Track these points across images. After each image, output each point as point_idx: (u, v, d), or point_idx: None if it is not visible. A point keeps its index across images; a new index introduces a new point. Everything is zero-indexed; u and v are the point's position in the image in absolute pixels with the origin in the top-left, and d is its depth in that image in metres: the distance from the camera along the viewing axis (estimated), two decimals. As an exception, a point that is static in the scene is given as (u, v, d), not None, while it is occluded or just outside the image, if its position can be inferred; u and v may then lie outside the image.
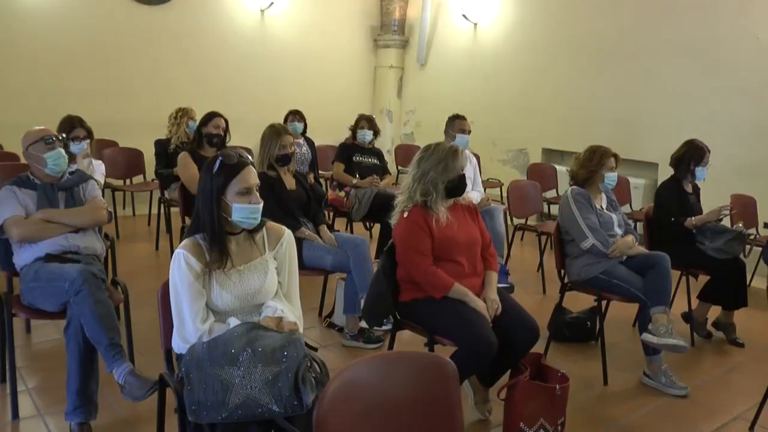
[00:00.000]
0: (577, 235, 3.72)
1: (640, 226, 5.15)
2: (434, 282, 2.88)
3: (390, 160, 8.00)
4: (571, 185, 3.96)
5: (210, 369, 2.00)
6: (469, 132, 4.72)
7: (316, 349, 2.25)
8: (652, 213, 4.55)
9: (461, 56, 9.09)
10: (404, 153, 8.82)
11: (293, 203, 3.93)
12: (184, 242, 2.28)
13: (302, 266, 3.45)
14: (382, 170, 5.69)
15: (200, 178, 2.30)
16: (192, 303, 2.20)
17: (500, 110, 8.55)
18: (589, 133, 7.69)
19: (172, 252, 5.70)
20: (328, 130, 8.92)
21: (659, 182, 7.18)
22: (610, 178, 3.91)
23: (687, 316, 4.44)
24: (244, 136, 6.22)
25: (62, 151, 3.08)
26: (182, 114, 5.82)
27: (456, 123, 4.67)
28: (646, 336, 3.45)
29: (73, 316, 2.65)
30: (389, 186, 5.56)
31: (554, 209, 7.20)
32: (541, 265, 5.47)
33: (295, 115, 6.24)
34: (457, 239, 2.97)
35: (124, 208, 7.40)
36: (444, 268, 2.92)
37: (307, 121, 6.44)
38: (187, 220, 4.70)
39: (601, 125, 7.43)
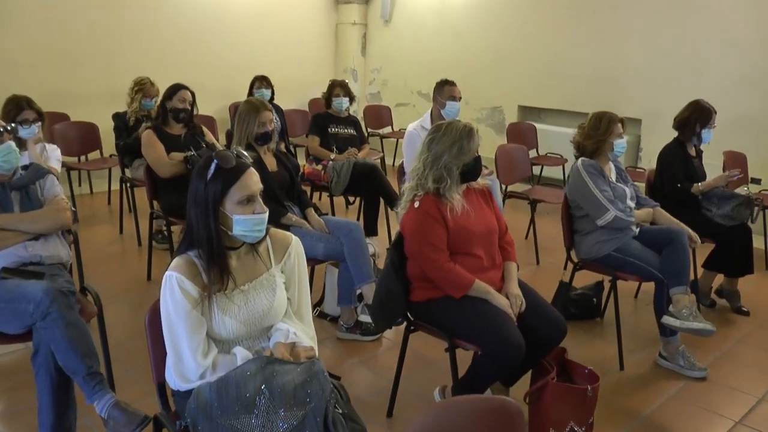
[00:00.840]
0: (594, 209, 3.45)
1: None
2: (453, 280, 2.58)
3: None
4: (577, 157, 3.67)
5: (222, 419, 1.68)
6: (460, 98, 4.37)
7: (339, 378, 1.94)
8: (654, 178, 4.32)
9: (429, 11, 8.65)
10: (374, 114, 8.45)
11: (276, 186, 3.56)
12: (175, 262, 1.91)
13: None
14: (359, 140, 5.32)
15: (192, 184, 1.92)
16: (191, 335, 1.85)
17: (472, 67, 8.19)
18: (568, 89, 7.47)
19: (138, 235, 5.35)
20: (292, 93, 8.47)
21: (641, 138, 7.14)
22: (620, 145, 3.64)
23: (692, 286, 4.26)
24: (205, 103, 5.72)
25: (12, 144, 2.64)
26: (138, 89, 5.33)
27: (445, 89, 4.30)
28: (668, 319, 3.24)
29: (42, 343, 2.28)
30: (368, 156, 5.20)
31: (540, 172, 6.98)
32: (534, 234, 5.22)
33: (262, 81, 5.76)
34: (473, 229, 2.67)
35: (80, 185, 6.87)
36: (461, 263, 2.63)
37: (273, 88, 5.97)
38: (156, 206, 4.29)
39: (579, 81, 7.17)
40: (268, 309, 1.97)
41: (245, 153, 1.96)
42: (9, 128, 2.71)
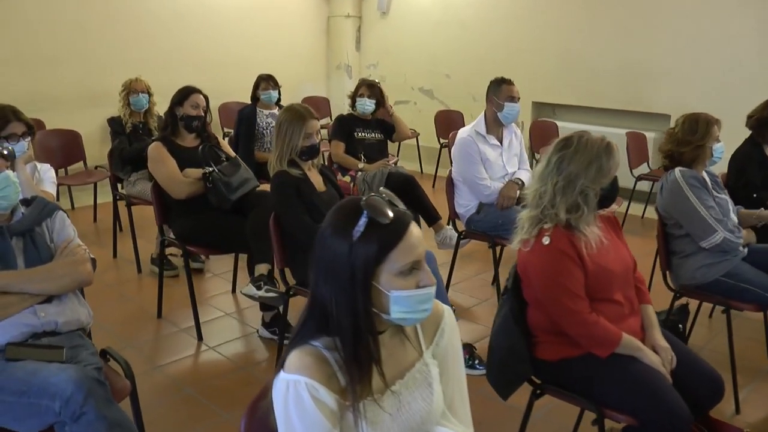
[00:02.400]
0: (699, 229, 2.93)
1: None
2: (599, 335, 2.03)
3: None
4: (666, 168, 3.14)
5: None
6: (519, 99, 3.80)
7: None
8: (729, 183, 3.81)
9: (431, 1, 8.07)
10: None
11: (326, 210, 2.95)
12: (299, 359, 1.30)
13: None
14: (387, 145, 4.73)
15: (323, 245, 1.32)
16: None
17: (480, 61, 7.64)
18: (588, 84, 6.97)
19: (137, 260, 4.58)
20: (282, 92, 7.84)
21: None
22: (719, 150, 3.12)
23: None
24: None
25: (11, 174, 2.00)
26: (124, 91, 4.73)
27: (503, 89, 3.74)
28: None
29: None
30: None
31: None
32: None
33: (268, 81, 5.11)
34: (613, 269, 2.12)
35: (57, 198, 6.10)
36: (600, 311, 2.07)
37: (280, 88, 5.30)
38: (167, 231, 3.64)
39: (601, 74, 6.68)
40: (426, 414, 1.39)
41: (395, 198, 1.36)
42: (5, 151, 2.06)
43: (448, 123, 7.17)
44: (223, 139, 4.23)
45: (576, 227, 2.07)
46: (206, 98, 3.73)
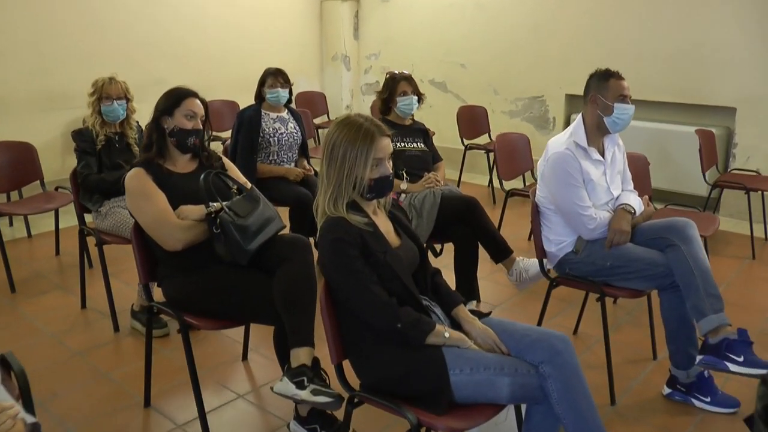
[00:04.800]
0: None
1: None
2: None
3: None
4: None
5: None
6: (631, 99, 2.82)
7: None
8: None
9: (442, -19, 7.07)
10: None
11: (405, 270, 1.98)
12: None
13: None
14: (432, 157, 3.74)
15: None
16: None
17: (501, 48, 6.70)
18: (635, 73, 5.91)
19: (112, 312, 3.36)
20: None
21: (735, 131, 5.76)
22: None
23: None
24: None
25: None
26: (92, 92, 3.60)
27: (611, 85, 2.72)
28: None
29: None
30: (443, 179, 3.63)
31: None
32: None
33: (276, 77, 4.03)
34: None
35: (11, 224, 5.04)
36: None
37: (291, 86, 4.24)
38: (157, 293, 2.62)
39: (651, 62, 5.75)
40: None
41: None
42: None
43: (473, 121, 6.19)
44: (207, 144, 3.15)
45: None
46: (204, 104, 2.70)
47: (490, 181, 6.30)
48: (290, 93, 4.12)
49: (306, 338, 2.20)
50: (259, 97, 4.07)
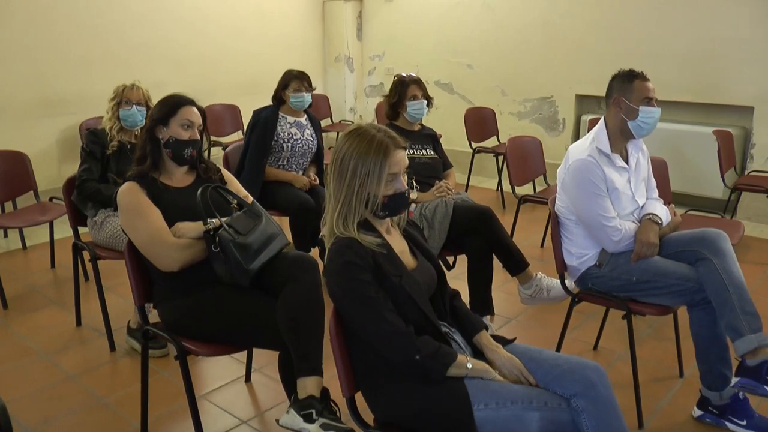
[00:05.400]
0: None
1: None
2: None
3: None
4: None
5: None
6: (657, 101, 2.65)
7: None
8: None
9: (448, -21, 6.90)
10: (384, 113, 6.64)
11: (423, 296, 1.80)
12: None
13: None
14: (442, 164, 3.57)
15: None
16: None
17: (510, 49, 6.53)
18: (649, 72, 5.77)
19: (108, 331, 3.18)
20: (271, 91, 6.66)
21: (753, 131, 5.54)
22: None
23: None
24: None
25: None
26: (113, 98, 3.42)
27: (636, 87, 2.56)
28: None
29: None
30: (454, 187, 3.45)
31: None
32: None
33: (302, 80, 3.86)
34: None
35: (5, 235, 4.88)
36: None
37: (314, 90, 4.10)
38: (154, 316, 2.45)
39: (665, 60, 5.56)
40: None
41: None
42: None
43: (481, 123, 6.01)
44: (206, 155, 2.96)
45: None
46: (202, 112, 2.52)
47: (499, 183, 6.11)
48: (311, 98, 3.97)
49: (314, 367, 2.03)
50: (278, 98, 3.90)
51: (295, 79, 3.86)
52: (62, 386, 2.92)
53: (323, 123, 7.03)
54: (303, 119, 3.96)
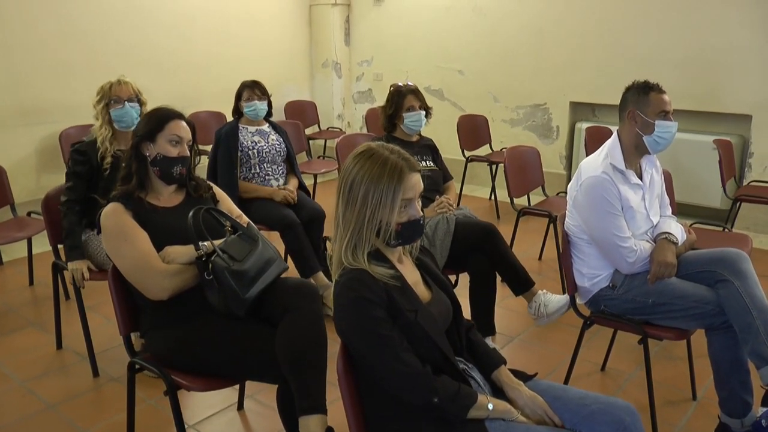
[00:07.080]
0: None
1: None
2: None
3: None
4: None
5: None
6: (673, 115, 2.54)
7: None
8: None
9: (438, -16, 6.78)
10: (374, 120, 6.48)
11: (439, 332, 1.66)
12: None
13: None
14: (442, 177, 3.43)
15: None
16: None
17: (502, 54, 6.41)
18: (641, 79, 5.75)
19: (91, 355, 2.96)
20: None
21: (751, 140, 5.47)
22: None
23: None
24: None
25: None
26: (98, 99, 3.08)
27: (652, 99, 2.45)
28: None
29: None
30: (454, 202, 3.30)
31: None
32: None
33: (253, 89, 3.78)
34: None
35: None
36: None
37: (270, 98, 3.96)
38: (137, 342, 2.28)
39: (660, 67, 5.46)
40: None
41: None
42: None
43: (473, 131, 5.88)
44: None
45: None
46: (192, 126, 2.36)
47: (492, 189, 5.95)
48: (269, 105, 3.86)
49: (317, 404, 1.88)
50: (237, 111, 3.85)
51: (246, 89, 3.84)
52: (40, 417, 2.73)
53: (310, 130, 6.89)
54: (265, 127, 3.92)
